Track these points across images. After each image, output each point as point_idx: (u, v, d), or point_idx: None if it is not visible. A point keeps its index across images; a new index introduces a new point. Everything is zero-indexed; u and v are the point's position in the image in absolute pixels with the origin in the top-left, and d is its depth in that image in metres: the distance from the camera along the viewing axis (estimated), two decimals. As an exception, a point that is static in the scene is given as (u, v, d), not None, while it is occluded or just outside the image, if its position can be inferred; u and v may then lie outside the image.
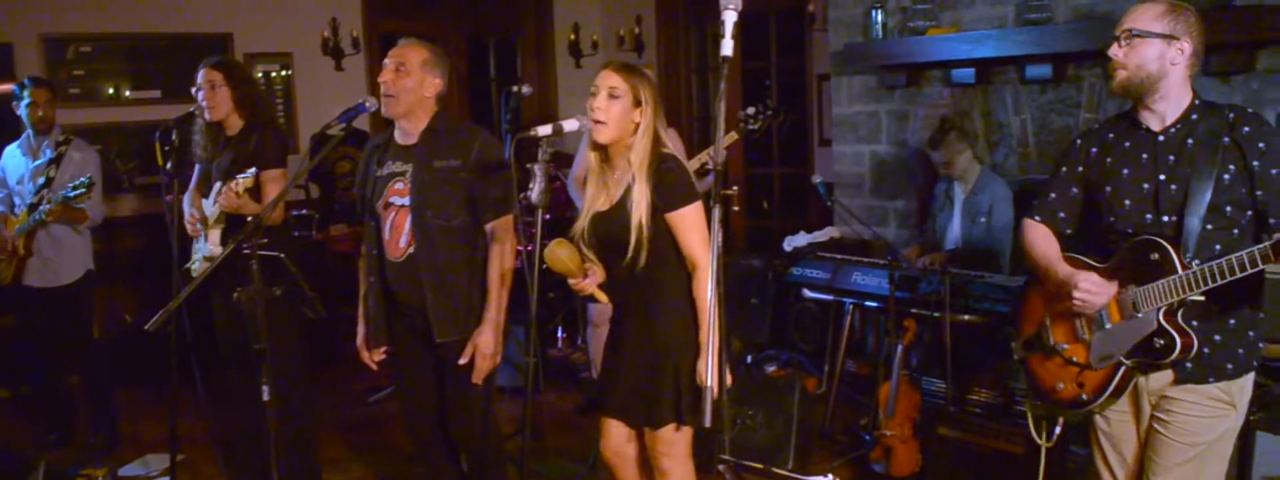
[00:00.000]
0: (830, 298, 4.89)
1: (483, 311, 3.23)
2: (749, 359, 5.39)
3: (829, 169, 6.04)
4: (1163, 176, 2.51)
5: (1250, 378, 2.55)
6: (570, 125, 2.84)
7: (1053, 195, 2.76)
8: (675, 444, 2.93)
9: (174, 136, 3.85)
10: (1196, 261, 2.39)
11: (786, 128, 5.88)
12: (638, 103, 2.84)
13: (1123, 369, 2.53)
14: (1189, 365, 2.49)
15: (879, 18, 5.37)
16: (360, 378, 5.51)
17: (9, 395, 5.68)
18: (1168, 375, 2.53)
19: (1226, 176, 2.43)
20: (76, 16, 6.09)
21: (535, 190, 2.74)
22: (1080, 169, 2.69)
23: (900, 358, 4.10)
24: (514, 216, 3.25)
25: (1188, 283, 2.37)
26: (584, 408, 5.15)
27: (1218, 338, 2.49)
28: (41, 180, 4.48)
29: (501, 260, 3.23)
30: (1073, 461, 3.59)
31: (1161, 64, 2.45)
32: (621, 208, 2.86)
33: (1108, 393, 2.56)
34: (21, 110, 4.56)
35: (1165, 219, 2.49)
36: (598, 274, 2.98)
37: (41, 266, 4.59)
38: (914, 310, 4.31)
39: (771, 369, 5.29)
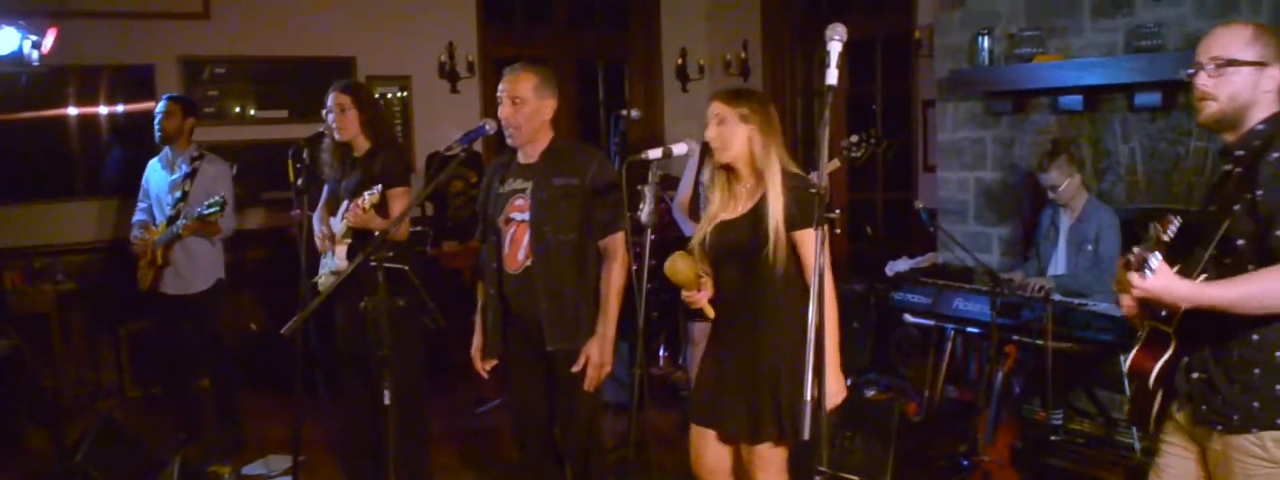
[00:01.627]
0: (932, 323, 4.90)
1: (592, 323, 3.35)
2: (849, 382, 5.39)
3: (933, 195, 6.04)
4: (1212, 208, 2.36)
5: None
6: (679, 149, 2.94)
7: None
8: (772, 460, 2.98)
9: (305, 155, 4.08)
10: None
11: (891, 155, 5.90)
12: (745, 120, 2.91)
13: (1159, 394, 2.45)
14: (1204, 407, 2.32)
15: (986, 44, 5.36)
16: (470, 389, 5.69)
17: (141, 395, 6.02)
18: (1188, 412, 2.38)
19: (1237, 206, 2.25)
20: (211, 41, 6.43)
21: (645, 211, 2.84)
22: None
23: (1001, 384, 4.10)
24: (625, 234, 3.38)
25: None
26: (684, 424, 5.23)
27: (1236, 385, 2.27)
28: (178, 194, 4.78)
29: (615, 276, 3.36)
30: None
31: (1254, 93, 2.28)
32: (752, 216, 2.92)
33: (1149, 415, 2.46)
34: (156, 124, 4.88)
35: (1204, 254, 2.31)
36: (709, 288, 3.06)
37: (174, 275, 4.87)
38: (1016, 337, 4.30)
39: (871, 393, 5.31)
